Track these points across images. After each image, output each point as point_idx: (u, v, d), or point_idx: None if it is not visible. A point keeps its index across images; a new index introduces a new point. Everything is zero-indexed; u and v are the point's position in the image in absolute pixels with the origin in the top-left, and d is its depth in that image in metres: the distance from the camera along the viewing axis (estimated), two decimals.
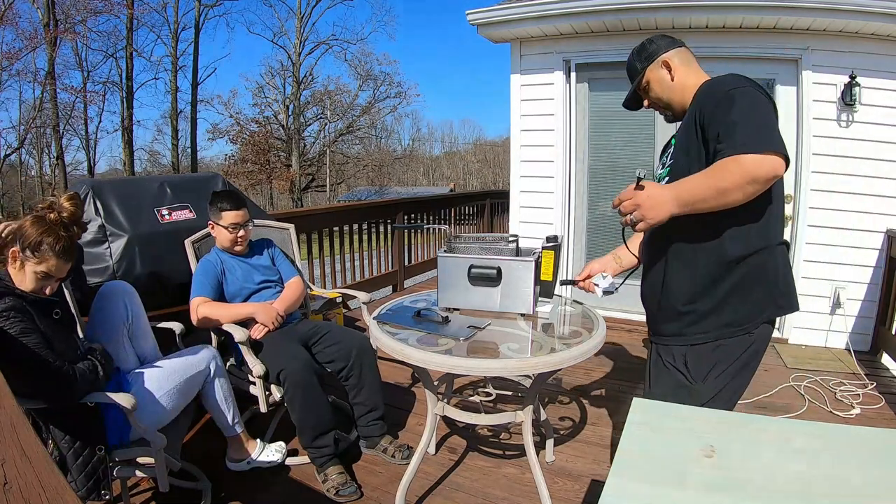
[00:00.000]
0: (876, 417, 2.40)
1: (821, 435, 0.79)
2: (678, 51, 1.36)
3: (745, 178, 1.06)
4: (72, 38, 18.66)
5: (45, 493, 0.55)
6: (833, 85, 3.20)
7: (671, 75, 1.33)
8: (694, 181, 1.13)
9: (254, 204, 2.93)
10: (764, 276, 1.23)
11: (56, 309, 1.48)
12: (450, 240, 1.89)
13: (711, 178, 1.10)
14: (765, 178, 1.06)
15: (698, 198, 1.12)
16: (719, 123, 1.14)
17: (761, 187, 1.08)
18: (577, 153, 3.98)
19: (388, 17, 39.17)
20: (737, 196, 1.08)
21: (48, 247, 1.38)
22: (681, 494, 0.64)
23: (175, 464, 1.56)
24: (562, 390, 2.68)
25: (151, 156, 23.71)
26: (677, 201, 1.14)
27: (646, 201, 1.16)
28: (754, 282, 1.23)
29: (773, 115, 1.15)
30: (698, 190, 1.12)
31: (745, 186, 1.06)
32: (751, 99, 1.14)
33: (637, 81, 1.39)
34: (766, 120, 1.12)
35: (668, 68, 1.33)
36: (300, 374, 1.82)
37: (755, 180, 1.06)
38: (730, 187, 1.07)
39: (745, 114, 1.11)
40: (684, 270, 1.28)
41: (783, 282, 1.25)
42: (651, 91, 1.38)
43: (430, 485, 1.88)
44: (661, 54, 1.35)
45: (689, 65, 1.35)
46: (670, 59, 1.34)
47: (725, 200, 1.09)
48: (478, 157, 32.94)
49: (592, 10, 3.43)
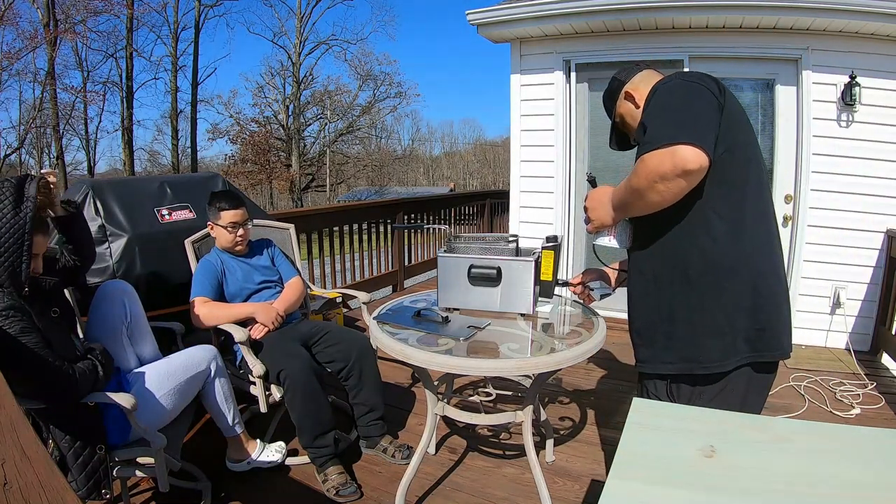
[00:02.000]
0: (876, 417, 2.40)
1: (821, 435, 0.79)
2: (641, 76, 1.26)
3: (650, 177, 1.01)
4: (72, 38, 18.67)
5: (45, 493, 0.55)
6: (833, 85, 3.20)
7: (635, 104, 1.24)
8: (621, 183, 1.13)
9: (254, 204, 2.93)
10: (729, 303, 1.09)
11: (55, 308, 1.48)
12: (450, 240, 1.89)
13: (629, 179, 1.08)
14: (673, 172, 0.98)
15: (623, 200, 1.12)
16: (639, 126, 1.11)
17: (679, 183, 1.00)
18: (577, 153, 3.98)
19: (388, 17, 39.19)
20: (654, 197, 1.04)
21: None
22: (681, 494, 0.64)
23: (175, 464, 1.56)
24: (562, 390, 2.68)
25: (151, 156, 23.74)
26: (612, 202, 1.15)
27: (591, 202, 1.19)
28: (715, 309, 1.09)
29: (693, 104, 1.04)
30: (621, 192, 1.13)
31: (656, 185, 1.01)
32: (666, 95, 1.08)
33: (613, 121, 1.34)
34: (677, 113, 1.04)
35: (632, 99, 1.25)
36: (300, 374, 1.82)
37: (663, 177, 1.00)
38: (641, 187, 1.04)
39: (656, 111, 1.07)
40: (642, 286, 1.20)
41: (763, 317, 1.09)
42: (627, 126, 1.31)
43: (430, 485, 1.88)
44: (622, 88, 1.28)
45: (649, 85, 1.21)
46: (632, 89, 1.25)
47: (646, 202, 1.06)
48: (478, 157, 32.94)
49: (592, 10, 3.43)
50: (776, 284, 1.11)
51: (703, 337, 1.11)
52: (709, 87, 1.06)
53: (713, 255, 1.08)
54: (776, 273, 1.12)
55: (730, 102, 1.07)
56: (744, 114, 1.12)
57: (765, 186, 1.13)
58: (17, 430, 0.60)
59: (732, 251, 1.08)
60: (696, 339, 1.12)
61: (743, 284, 1.08)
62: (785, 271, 1.15)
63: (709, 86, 1.06)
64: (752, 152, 1.11)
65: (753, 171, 1.09)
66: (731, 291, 1.08)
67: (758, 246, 1.10)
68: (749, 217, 1.09)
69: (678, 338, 1.14)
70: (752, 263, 1.08)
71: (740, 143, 1.08)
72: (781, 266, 1.15)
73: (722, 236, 1.07)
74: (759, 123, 3.48)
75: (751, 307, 1.08)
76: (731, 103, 1.08)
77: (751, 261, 1.08)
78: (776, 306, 1.11)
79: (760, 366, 1.11)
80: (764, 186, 1.13)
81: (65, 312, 1.54)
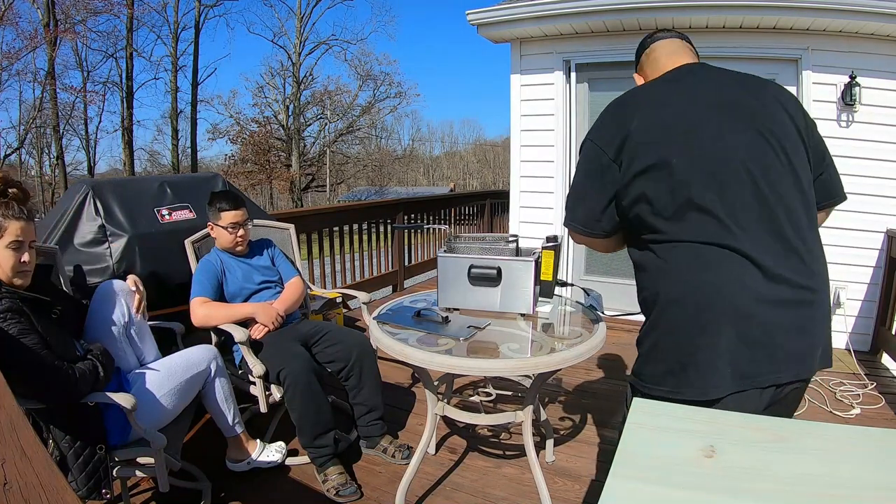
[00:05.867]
0: (876, 417, 2.40)
1: (821, 435, 0.79)
2: (647, 58, 1.20)
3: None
4: (72, 38, 18.67)
5: (45, 493, 0.55)
6: (833, 85, 3.20)
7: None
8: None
9: (254, 204, 2.93)
10: (647, 306, 1.06)
11: (55, 309, 1.48)
12: (450, 240, 1.89)
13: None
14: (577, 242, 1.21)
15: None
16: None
17: (589, 246, 1.24)
18: (577, 153, 3.97)
19: (388, 18, 39.22)
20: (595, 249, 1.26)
21: (1, 217, 1.36)
22: (681, 494, 0.64)
23: (175, 464, 1.56)
24: (562, 390, 2.68)
25: (151, 156, 23.75)
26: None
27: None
28: (650, 324, 1.05)
29: (580, 174, 1.10)
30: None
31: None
32: (579, 157, 1.14)
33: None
34: (573, 180, 1.16)
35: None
36: (300, 374, 1.82)
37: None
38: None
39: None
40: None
41: (678, 351, 0.98)
42: None
43: (430, 485, 1.88)
44: (636, 72, 1.24)
45: (647, 71, 1.19)
46: (640, 75, 1.22)
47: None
48: (478, 157, 32.97)
49: (592, 10, 3.44)
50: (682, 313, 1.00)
51: (649, 352, 1.08)
52: (597, 140, 1.06)
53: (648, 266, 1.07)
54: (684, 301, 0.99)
55: (642, 126, 1.00)
56: (673, 121, 1.00)
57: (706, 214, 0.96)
58: (17, 430, 0.60)
59: (656, 271, 1.04)
60: (647, 355, 1.08)
61: (663, 312, 1.02)
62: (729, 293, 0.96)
63: (597, 138, 1.06)
64: (690, 170, 0.97)
65: (698, 189, 0.96)
66: (661, 314, 1.03)
67: (671, 273, 1.01)
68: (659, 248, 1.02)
69: (642, 349, 1.12)
70: (671, 290, 1.01)
71: (660, 169, 0.98)
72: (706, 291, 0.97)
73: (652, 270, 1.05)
74: None
75: (675, 343, 1.01)
76: (643, 128, 1.00)
77: (671, 289, 1.01)
78: (702, 344, 0.97)
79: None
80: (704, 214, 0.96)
81: (65, 313, 1.54)
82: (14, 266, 1.39)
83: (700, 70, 1.10)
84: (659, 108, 1.02)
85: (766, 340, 0.95)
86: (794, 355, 0.97)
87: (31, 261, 1.44)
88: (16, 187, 1.42)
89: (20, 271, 1.41)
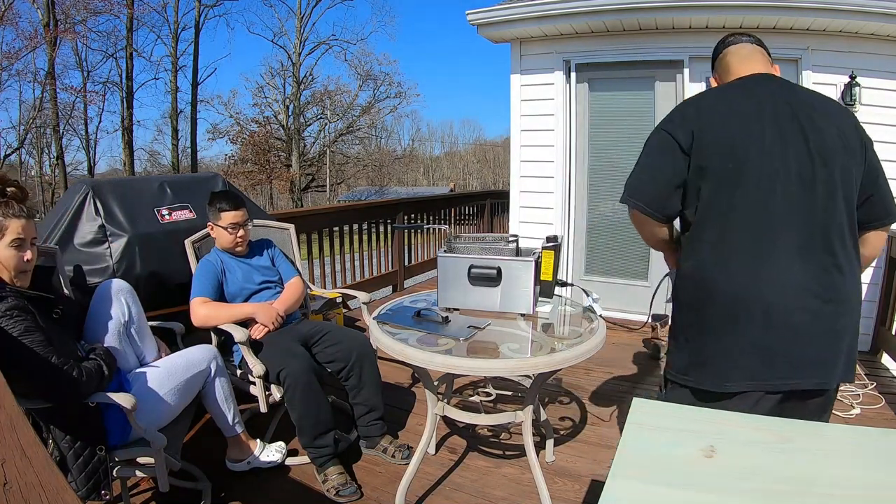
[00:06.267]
0: (876, 417, 2.40)
1: (821, 435, 0.79)
2: (720, 63, 1.26)
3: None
4: (72, 38, 18.67)
5: (45, 493, 0.55)
6: (833, 85, 3.20)
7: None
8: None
9: (254, 204, 2.93)
10: (679, 303, 1.15)
11: (57, 308, 1.48)
12: (450, 240, 1.89)
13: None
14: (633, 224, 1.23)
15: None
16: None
17: (640, 230, 1.25)
18: (577, 153, 3.98)
19: (388, 18, 39.23)
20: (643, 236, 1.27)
21: (1, 216, 1.37)
22: (681, 494, 0.64)
23: (175, 464, 1.56)
24: (562, 390, 2.68)
25: (151, 156, 23.75)
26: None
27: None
28: (676, 307, 1.18)
29: (649, 157, 1.17)
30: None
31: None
32: (646, 143, 1.20)
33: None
34: (638, 163, 1.19)
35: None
36: (300, 374, 1.82)
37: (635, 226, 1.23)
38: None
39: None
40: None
41: (699, 336, 1.07)
42: None
43: (430, 485, 1.87)
44: (712, 75, 1.32)
45: (720, 74, 1.26)
46: (715, 78, 1.29)
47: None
48: (478, 157, 32.97)
49: (592, 11, 3.43)
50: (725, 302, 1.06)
51: (674, 339, 1.22)
52: (669, 129, 1.12)
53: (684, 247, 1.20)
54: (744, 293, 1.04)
55: (706, 127, 1.08)
56: (737, 124, 1.07)
57: (760, 207, 1.04)
58: (17, 430, 0.60)
59: (689, 247, 1.16)
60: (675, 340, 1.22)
61: (689, 289, 1.15)
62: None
63: (669, 127, 1.13)
64: (746, 174, 1.05)
65: (742, 196, 1.05)
66: (681, 295, 1.19)
67: (707, 246, 1.10)
68: (701, 223, 1.12)
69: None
70: (702, 266, 1.12)
71: (715, 172, 1.06)
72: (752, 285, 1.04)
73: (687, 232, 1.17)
74: None
75: (697, 327, 1.13)
76: (710, 126, 1.08)
77: (703, 264, 1.11)
78: (722, 333, 1.06)
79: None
80: (758, 208, 1.04)
81: (67, 313, 1.54)
82: (17, 265, 1.39)
83: (768, 82, 1.15)
84: (724, 113, 1.09)
85: (787, 346, 1.00)
86: (813, 364, 1.01)
87: (33, 258, 1.44)
88: (13, 186, 1.43)
89: (23, 270, 1.41)
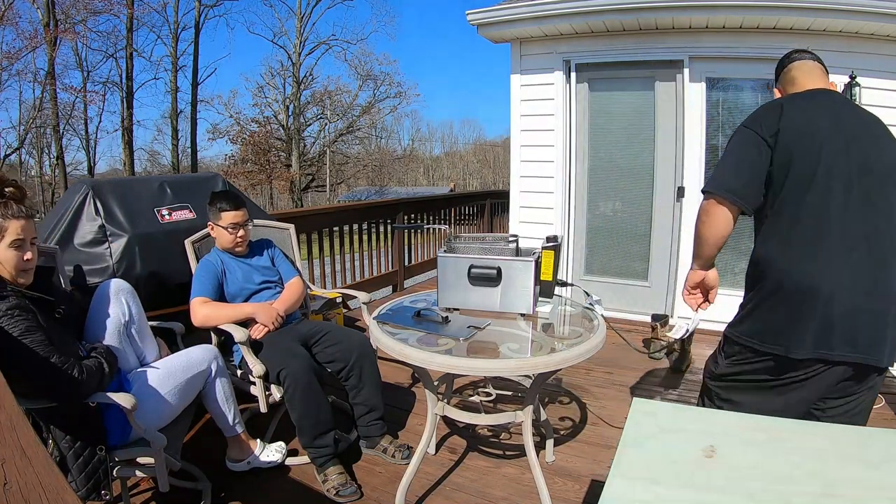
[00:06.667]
0: (876, 417, 2.39)
1: (821, 435, 0.79)
2: (785, 76, 1.44)
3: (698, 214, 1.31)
4: (72, 38, 18.67)
5: (45, 493, 0.55)
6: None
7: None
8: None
9: (254, 204, 2.93)
10: (754, 289, 1.28)
11: (59, 308, 1.48)
12: (450, 240, 1.89)
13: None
14: (700, 215, 1.30)
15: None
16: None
17: (701, 222, 1.30)
18: (577, 153, 3.98)
19: (388, 18, 39.22)
20: (698, 228, 1.32)
21: (0, 217, 1.36)
22: (681, 494, 0.64)
23: (175, 464, 1.56)
24: (562, 390, 2.68)
25: (151, 156, 23.76)
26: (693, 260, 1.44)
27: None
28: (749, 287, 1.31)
29: (736, 153, 1.28)
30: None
31: (699, 220, 1.31)
32: (730, 142, 1.31)
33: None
34: (724, 160, 1.31)
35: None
36: (300, 374, 1.82)
37: (699, 216, 1.31)
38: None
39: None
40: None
41: (773, 312, 1.23)
42: None
43: (430, 485, 1.87)
44: (776, 87, 1.48)
45: (786, 87, 1.43)
46: (779, 90, 1.45)
47: (697, 235, 1.34)
48: (478, 157, 32.96)
49: (592, 11, 3.43)
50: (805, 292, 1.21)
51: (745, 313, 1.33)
52: (754, 127, 1.26)
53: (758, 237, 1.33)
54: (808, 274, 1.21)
55: (788, 127, 1.23)
56: (813, 129, 1.23)
57: (828, 206, 1.19)
58: (17, 430, 0.60)
59: (764, 241, 1.29)
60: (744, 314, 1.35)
61: (768, 278, 1.27)
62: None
63: (754, 125, 1.26)
64: (817, 175, 1.20)
65: (813, 194, 1.20)
66: (761, 284, 1.29)
67: (790, 243, 1.24)
68: (784, 214, 1.24)
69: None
70: (782, 260, 1.24)
71: (794, 169, 1.21)
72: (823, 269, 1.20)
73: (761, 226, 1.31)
74: None
75: (772, 304, 1.26)
76: (792, 128, 1.23)
77: (781, 258, 1.25)
78: (790, 311, 1.22)
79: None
80: (826, 206, 1.19)
81: (68, 312, 1.54)
82: (18, 265, 1.39)
83: (833, 95, 1.35)
84: (802, 118, 1.24)
85: (845, 326, 1.16)
86: (867, 343, 1.17)
87: (33, 258, 1.44)
88: (11, 186, 1.42)
89: (24, 269, 1.41)
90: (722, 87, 3.54)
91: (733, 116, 3.57)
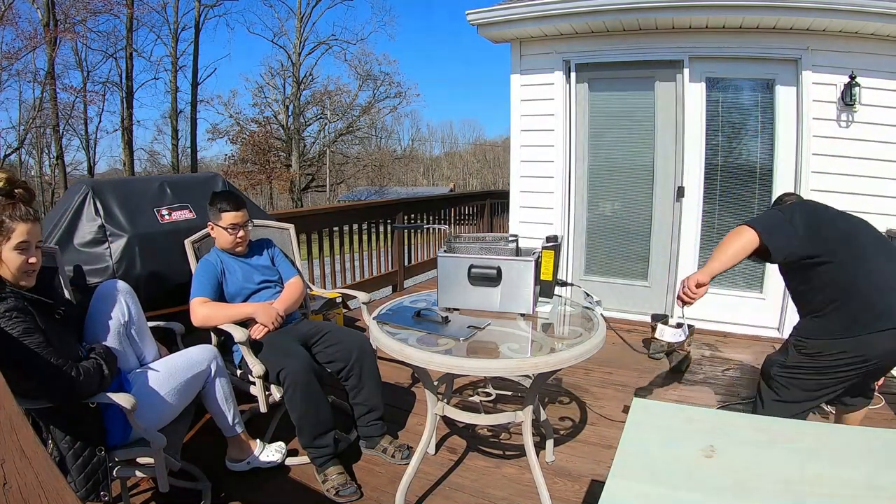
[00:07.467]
0: (876, 417, 2.40)
1: (820, 435, 0.79)
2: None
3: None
4: (72, 38, 18.63)
5: (45, 494, 0.55)
6: (833, 85, 3.20)
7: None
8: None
9: (254, 204, 2.93)
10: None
11: (58, 309, 1.48)
12: (450, 240, 1.89)
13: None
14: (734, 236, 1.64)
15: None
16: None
17: (736, 244, 1.63)
18: (577, 153, 3.98)
19: (388, 18, 39.22)
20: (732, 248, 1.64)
21: (8, 219, 1.36)
22: (681, 494, 0.64)
23: (175, 464, 1.56)
24: (562, 390, 2.68)
25: (151, 156, 23.69)
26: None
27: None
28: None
29: (778, 217, 1.67)
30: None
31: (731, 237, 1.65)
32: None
33: None
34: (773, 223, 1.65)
35: None
36: (300, 374, 1.82)
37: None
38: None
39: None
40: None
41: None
42: None
43: (430, 485, 1.87)
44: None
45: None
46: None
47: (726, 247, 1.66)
48: (478, 158, 32.93)
49: (592, 11, 3.43)
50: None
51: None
52: (787, 215, 1.65)
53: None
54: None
55: (812, 226, 1.62)
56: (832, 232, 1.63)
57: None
58: (16, 430, 0.60)
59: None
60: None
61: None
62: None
63: (788, 214, 1.66)
64: (836, 273, 1.58)
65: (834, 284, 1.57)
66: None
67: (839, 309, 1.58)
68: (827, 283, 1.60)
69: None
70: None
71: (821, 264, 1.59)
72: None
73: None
74: (759, 124, 3.49)
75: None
76: (816, 226, 1.62)
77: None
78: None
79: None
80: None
81: (68, 313, 1.54)
82: (21, 267, 1.39)
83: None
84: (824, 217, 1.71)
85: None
86: None
87: (37, 262, 1.44)
88: (21, 187, 1.42)
89: (26, 272, 1.41)
90: (722, 86, 3.54)
91: (733, 116, 3.57)
